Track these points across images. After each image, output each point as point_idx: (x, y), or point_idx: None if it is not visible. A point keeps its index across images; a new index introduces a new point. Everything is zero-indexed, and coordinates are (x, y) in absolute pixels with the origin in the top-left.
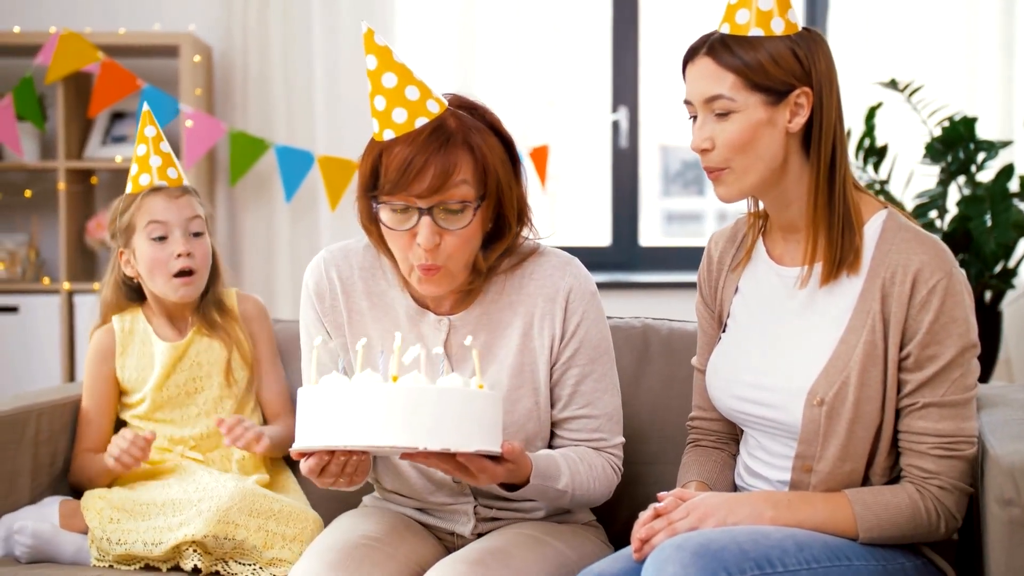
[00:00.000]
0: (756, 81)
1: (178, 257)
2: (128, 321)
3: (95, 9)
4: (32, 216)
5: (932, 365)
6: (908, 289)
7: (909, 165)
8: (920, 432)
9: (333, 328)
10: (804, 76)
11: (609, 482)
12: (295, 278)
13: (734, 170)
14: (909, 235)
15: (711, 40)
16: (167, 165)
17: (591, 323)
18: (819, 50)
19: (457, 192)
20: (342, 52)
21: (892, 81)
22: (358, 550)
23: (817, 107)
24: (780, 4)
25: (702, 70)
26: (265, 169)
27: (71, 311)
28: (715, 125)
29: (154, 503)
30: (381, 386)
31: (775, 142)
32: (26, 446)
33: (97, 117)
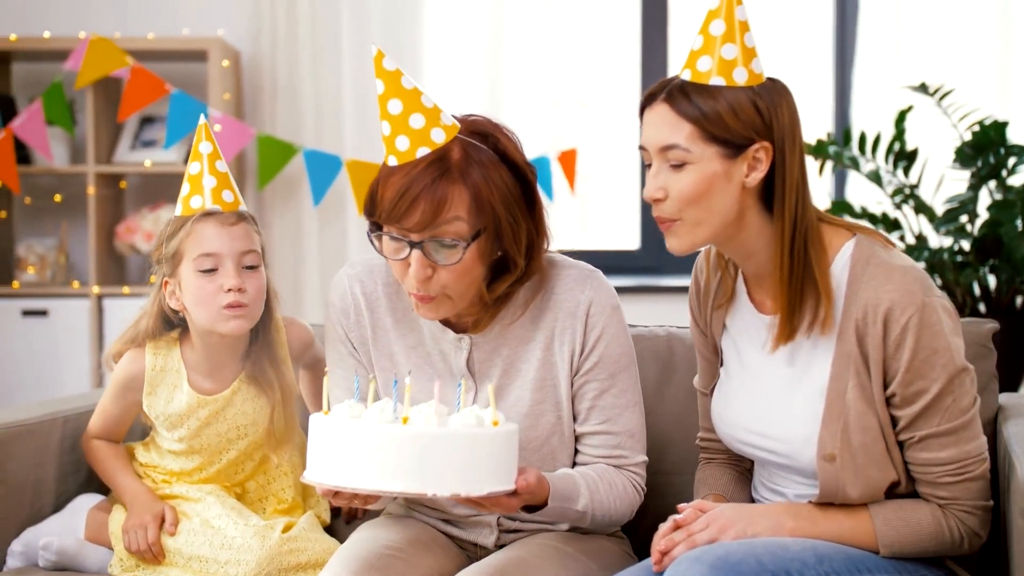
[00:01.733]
0: (713, 133)
1: (228, 292)
2: (162, 357)
3: (124, 14)
4: (62, 220)
5: (921, 400)
6: (880, 330)
7: (939, 169)
8: (926, 463)
9: (359, 344)
10: (764, 130)
11: (631, 502)
12: (323, 282)
13: (686, 222)
14: (877, 270)
15: (670, 86)
16: (222, 187)
17: (611, 337)
18: (782, 102)
19: (450, 228)
20: (370, 56)
21: (922, 85)
22: (382, 560)
23: (778, 162)
24: (744, 53)
25: (659, 117)
26: (293, 173)
27: (100, 315)
28: (669, 175)
29: (180, 553)
30: (388, 429)
31: (730, 196)
32: (52, 453)
33: (126, 122)
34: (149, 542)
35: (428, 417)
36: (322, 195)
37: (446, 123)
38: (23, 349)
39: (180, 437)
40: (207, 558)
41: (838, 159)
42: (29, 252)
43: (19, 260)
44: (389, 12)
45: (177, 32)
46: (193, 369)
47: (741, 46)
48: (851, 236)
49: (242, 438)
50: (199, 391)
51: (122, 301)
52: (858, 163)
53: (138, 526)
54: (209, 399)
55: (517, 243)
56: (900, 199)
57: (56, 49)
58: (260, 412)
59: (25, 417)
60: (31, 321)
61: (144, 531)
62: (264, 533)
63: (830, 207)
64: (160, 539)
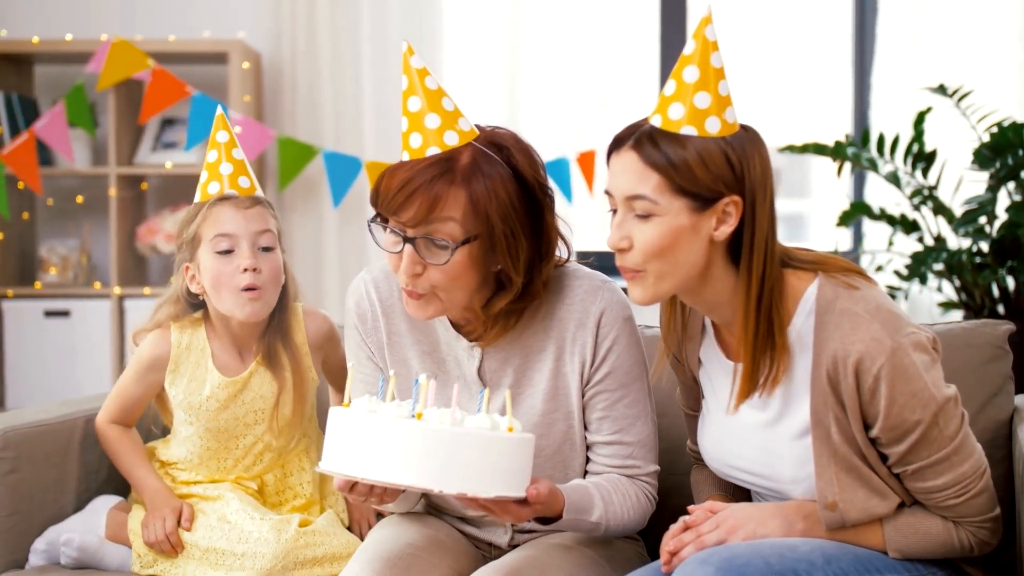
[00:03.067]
0: (682, 185)
1: (244, 272)
2: (187, 336)
3: (145, 17)
4: (84, 222)
5: (907, 439)
6: (853, 382)
7: (958, 171)
8: (925, 491)
9: (375, 348)
10: (735, 183)
11: (643, 511)
12: (343, 282)
13: (650, 274)
14: (842, 319)
15: (639, 133)
16: (239, 173)
17: (623, 348)
18: (754, 153)
19: (443, 228)
20: (390, 58)
21: (941, 86)
22: (403, 559)
23: (747, 217)
24: (718, 102)
25: (626, 164)
26: (313, 175)
27: (122, 316)
28: (635, 225)
29: (197, 546)
30: (403, 423)
31: (697, 250)
32: (73, 452)
33: (147, 123)
34: (167, 532)
35: (443, 416)
36: (342, 196)
37: (462, 128)
38: (45, 349)
39: (198, 418)
40: (224, 551)
41: (856, 160)
42: (51, 253)
43: (41, 261)
44: (409, 14)
45: (198, 34)
46: (216, 349)
47: (715, 94)
48: (814, 277)
49: (259, 423)
50: (222, 371)
51: (143, 302)
52: (876, 164)
53: (156, 518)
54: (229, 380)
55: (513, 259)
56: (919, 200)
57: (78, 52)
58: (275, 396)
59: (47, 417)
60: (53, 321)
61: (162, 523)
62: (280, 527)
63: (849, 209)
64: (177, 530)
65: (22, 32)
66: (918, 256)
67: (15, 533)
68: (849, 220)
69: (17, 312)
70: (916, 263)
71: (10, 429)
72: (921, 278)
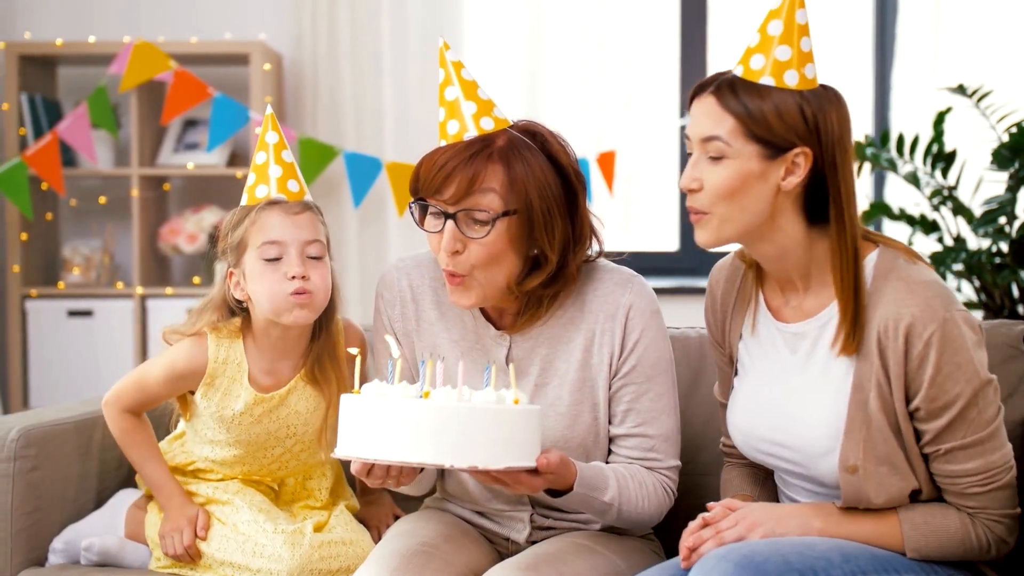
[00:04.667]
0: (755, 131)
1: (292, 279)
2: (224, 350)
3: (167, 19)
4: (106, 222)
5: (946, 414)
6: (902, 346)
7: (978, 171)
8: (952, 475)
9: (402, 335)
10: (808, 135)
11: (660, 503)
12: (363, 283)
13: (715, 216)
14: (899, 283)
15: (720, 80)
16: (288, 176)
17: (650, 341)
18: (831, 110)
19: (483, 200)
20: (410, 59)
21: (960, 87)
22: (418, 557)
23: (829, 171)
24: (799, 56)
25: (705, 108)
26: (334, 176)
27: (144, 315)
28: (706, 167)
29: (213, 558)
30: (411, 403)
31: (763, 197)
32: (93, 450)
33: (169, 125)
34: (185, 546)
35: (449, 393)
36: (362, 197)
37: (498, 116)
38: (68, 349)
39: (229, 430)
40: (239, 565)
41: (876, 161)
42: (74, 253)
43: (65, 261)
44: (429, 15)
45: (219, 36)
46: (253, 364)
47: (796, 49)
48: (874, 248)
49: (291, 437)
50: (258, 388)
51: (165, 302)
52: (896, 165)
53: (174, 530)
54: (266, 397)
55: (550, 237)
56: (938, 201)
57: (101, 54)
58: (313, 412)
59: (69, 415)
60: (76, 321)
61: (180, 535)
62: (294, 540)
63: (868, 209)
64: (195, 542)
65: (46, 34)
66: (937, 256)
67: (36, 530)
68: (869, 220)
69: (41, 312)
70: (935, 263)
71: (31, 427)
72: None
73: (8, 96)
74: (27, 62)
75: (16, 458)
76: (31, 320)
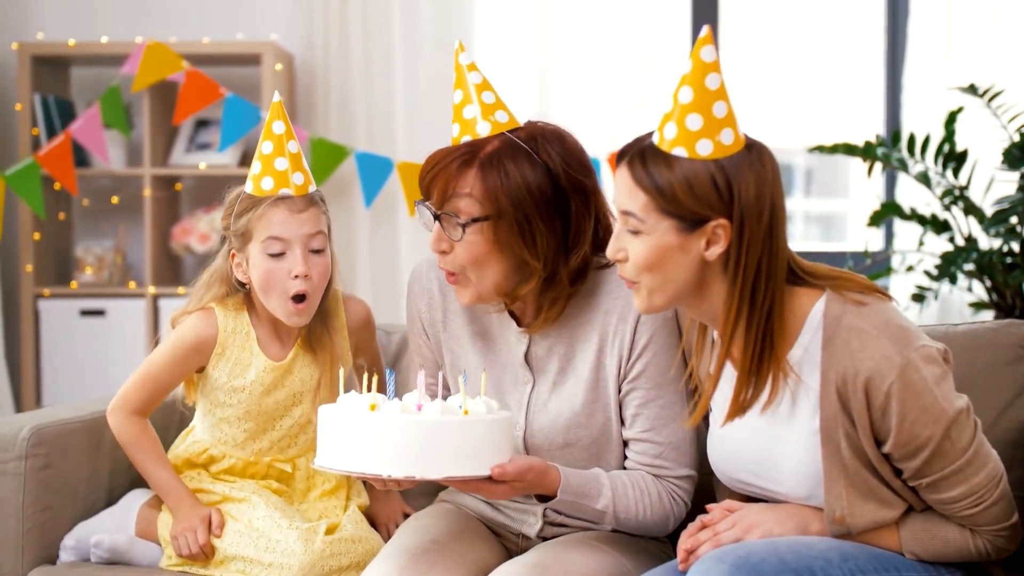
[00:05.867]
0: (666, 208)
1: (295, 278)
2: (232, 319)
3: (180, 19)
4: (119, 222)
5: (920, 455)
6: (863, 399)
7: (989, 171)
8: (940, 502)
9: (429, 326)
10: (722, 207)
11: (665, 512)
12: (375, 283)
13: (643, 286)
14: (850, 335)
15: (633, 151)
16: (294, 169)
17: (659, 348)
18: (748, 175)
19: (460, 204)
20: (421, 59)
21: (972, 86)
22: (428, 555)
23: (735, 240)
24: (713, 124)
25: (621, 181)
26: (345, 175)
27: (156, 315)
28: (628, 239)
29: (225, 553)
30: (356, 415)
31: (687, 267)
32: (105, 449)
33: (181, 125)
34: (200, 545)
35: (395, 405)
36: (373, 197)
37: (498, 120)
38: (81, 348)
39: (240, 401)
40: (251, 559)
41: (887, 161)
42: (87, 253)
43: (77, 261)
44: (440, 15)
45: (231, 37)
46: (260, 333)
47: (708, 116)
48: (821, 294)
49: (297, 405)
50: (267, 355)
51: (178, 301)
52: (907, 165)
53: (187, 530)
54: (276, 365)
55: (529, 245)
56: (949, 200)
57: (113, 54)
58: (315, 379)
59: (80, 414)
60: (89, 321)
61: (194, 535)
62: (308, 536)
63: (879, 209)
64: (210, 540)
65: (59, 35)
66: (948, 256)
67: (47, 528)
68: (880, 220)
69: (53, 311)
70: (946, 263)
71: (43, 426)
72: (951, 278)
73: (21, 96)
74: (40, 62)
75: (27, 456)
76: (44, 319)
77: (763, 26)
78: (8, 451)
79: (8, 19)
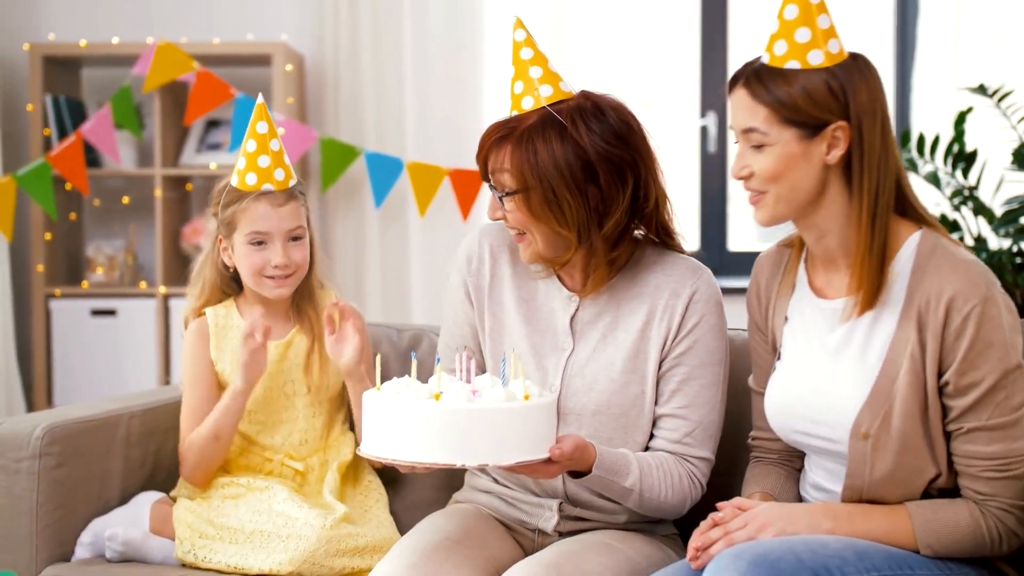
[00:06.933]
0: (788, 116)
1: (275, 267)
2: (222, 316)
3: (190, 20)
4: (129, 222)
5: (973, 392)
6: (942, 318)
7: (998, 171)
8: (970, 456)
9: (474, 290)
10: (840, 110)
11: (684, 494)
12: (385, 283)
13: (771, 194)
14: (942, 260)
15: (748, 72)
16: (275, 166)
17: (707, 329)
18: (860, 81)
19: (500, 178)
20: (432, 59)
21: (981, 86)
22: (438, 552)
23: (856, 140)
24: (819, 35)
25: (739, 101)
26: (355, 176)
27: (167, 314)
28: (752, 155)
29: (242, 530)
30: (423, 404)
31: (811, 174)
32: (118, 447)
33: (192, 125)
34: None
35: (459, 392)
36: (383, 197)
37: (542, 94)
38: (92, 347)
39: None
40: (269, 532)
41: None
42: (98, 253)
43: (88, 261)
44: (451, 16)
45: (242, 37)
46: (247, 319)
47: (814, 29)
48: (917, 229)
49: (296, 394)
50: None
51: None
52: (916, 165)
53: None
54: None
55: (557, 217)
56: (959, 201)
57: (124, 55)
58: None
59: (93, 413)
60: (100, 320)
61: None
62: (325, 514)
63: None
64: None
65: (70, 36)
66: None
67: (61, 527)
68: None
69: (64, 311)
70: None
71: (56, 425)
72: None
73: (33, 97)
74: (51, 63)
75: (41, 455)
76: (55, 319)
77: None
78: (22, 450)
79: (19, 20)
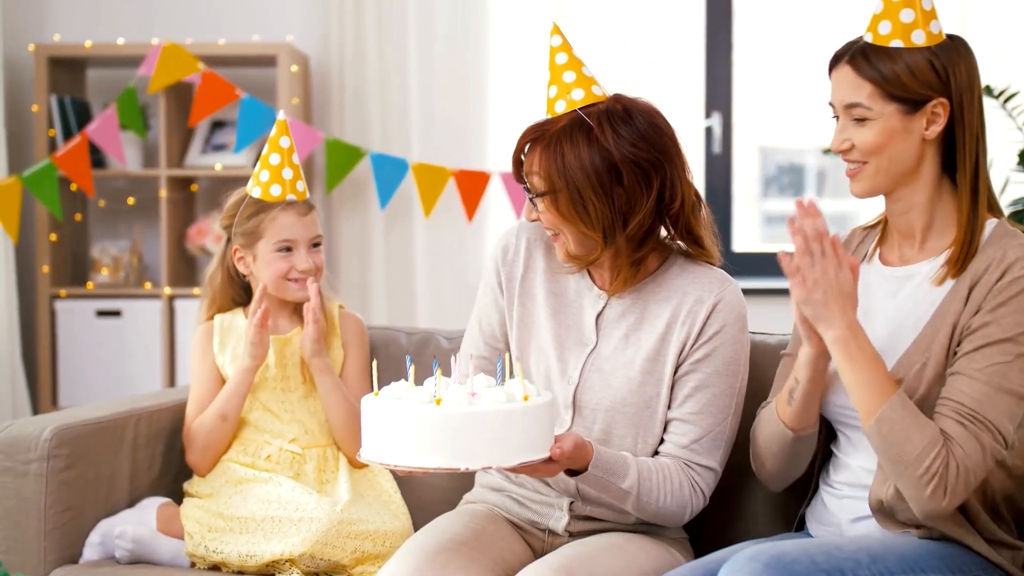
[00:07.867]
0: (892, 92)
1: (300, 271)
2: (228, 320)
3: (196, 21)
4: (135, 223)
5: (978, 338)
6: (996, 276)
7: (1004, 172)
8: (953, 393)
9: (506, 281)
10: (941, 87)
11: (685, 501)
12: (389, 284)
13: (871, 166)
14: (1007, 240)
15: (853, 49)
16: (297, 178)
17: (727, 339)
18: (960, 60)
19: (532, 180)
20: (437, 60)
21: (987, 87)
22: (444, 554)
23: (957, 116)
24: (922, 16)
25: (843, 77)
26: (360, 177)
27: (172, 315)
28: (853, 129)
29: (253, 518)
30: (422, 410)
31: (910, 148)
32: (125, 450)
33: (197, 126)
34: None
35: (459, 397)
36: (388, 198)
37: (574, 98)
38: (97, 348)
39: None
40: (280, 518)
41: None
42: (103, 254)
43: (93, 262)
44: (456, 17)
45: (247, 38)
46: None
47: (919, 10)
48: (993, 218)
49: (296, 390)
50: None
51: (193, 302)
52: None
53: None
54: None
55: (583, 218)
56: None
57: (129, 56)
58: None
59: (99, 415)
60: (105, 321)
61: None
62: (334, 499)
63: None
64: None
65: (75, 36)
66: None
67: (69, 528)
68: None
69: (70, 312)
70: None
71: (64, 427)
72: None
73: (38, 98)
74: (56, 64)
75: (49, 457)
76: (60, 320)
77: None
78: (30, 452)
79: (25, 21)
